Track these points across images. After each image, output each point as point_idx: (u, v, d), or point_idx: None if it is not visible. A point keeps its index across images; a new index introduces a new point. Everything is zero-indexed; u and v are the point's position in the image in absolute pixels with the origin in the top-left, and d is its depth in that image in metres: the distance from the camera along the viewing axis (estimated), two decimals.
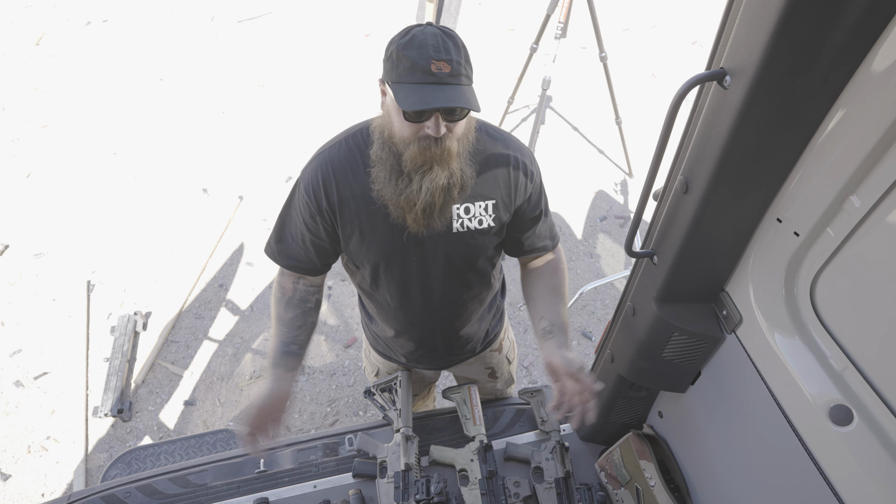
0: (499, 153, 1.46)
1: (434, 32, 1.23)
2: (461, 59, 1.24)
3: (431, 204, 1.36)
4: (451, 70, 1.21)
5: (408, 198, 1.35)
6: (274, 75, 4.94)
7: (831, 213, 1.02)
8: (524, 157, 1.50)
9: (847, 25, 0.85)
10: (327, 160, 1.44)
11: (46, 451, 2.80)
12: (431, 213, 1.38)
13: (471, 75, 1.28)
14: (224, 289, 3.49)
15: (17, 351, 3.18)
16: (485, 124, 1.50)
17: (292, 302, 1.59)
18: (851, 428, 1.05)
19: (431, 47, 1.20)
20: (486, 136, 1.46)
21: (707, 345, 1.39)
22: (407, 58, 1.21)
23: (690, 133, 1.16)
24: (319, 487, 1.77)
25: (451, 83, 1.23)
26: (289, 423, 2.92)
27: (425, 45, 1.20)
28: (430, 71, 1.20)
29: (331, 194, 1.43)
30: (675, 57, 5.16)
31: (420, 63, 1.20)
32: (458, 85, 1.24)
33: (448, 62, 1.21)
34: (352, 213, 1.45)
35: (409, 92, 1.23)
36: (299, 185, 1.49)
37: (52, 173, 4.14)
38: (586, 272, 3.61)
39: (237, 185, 4.08)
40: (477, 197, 1.46)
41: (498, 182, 1.47)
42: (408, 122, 1.27)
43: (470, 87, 1.28)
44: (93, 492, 1.76)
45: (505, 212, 1.51)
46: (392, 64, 1.25)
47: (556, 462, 1.78)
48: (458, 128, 1.30)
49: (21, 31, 5.31)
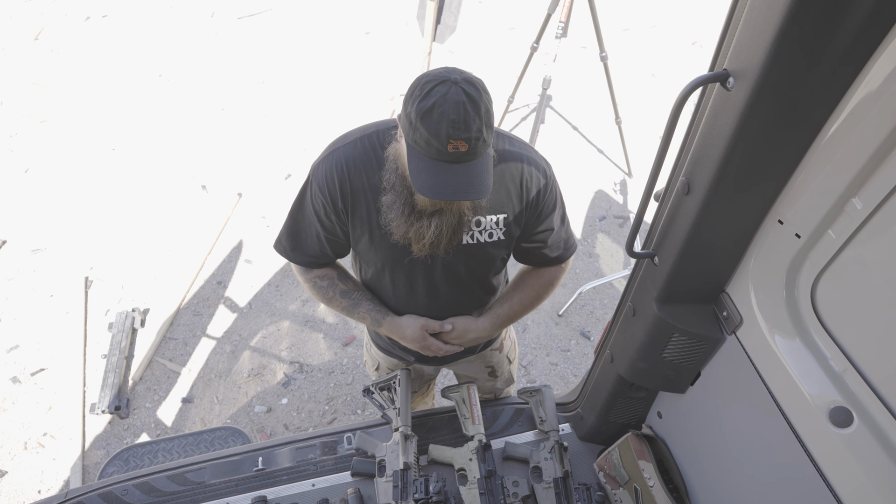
0: (514, 165, 1.44)
1: (456, 101, 1.15)
2: (481, 131, 1.19)
3: (439, 238, 1.37)
4: (468, 148, 1.19)
5: (418, 231, 1.36)
6: (274, 72, 4.93)
7: (833, 216, 1.02)
8: (539, 169, 1.48)
9: (851, 28, 0.84)
10: (342, 158, 1.41)
11: (43, 448, 2.80)
12: (438, 245, 1.39)
13: (489, 139, 1.23)
14: (223, 286, 3.49)
15: (15, 347, 3.17)
16: (503, 133, 1.48)
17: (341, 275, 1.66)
18: (851, 430, 1.05)
19: (451, 124, 1.15)
20: (504, 146, 1.44)
21: (707, 346, 1.39)
22: (425, 130, 1.17)
23: (692, 134, 1.16)
24: (318, 486, 1.77)
25: (468, 161, 1.21)
26: (287, 421, 2.92)
27: (443, 121, 1.16)
28: (447, 150, 1.18)
29: (346, 194, 1.42)
30: (675, 57, 5.16)
31: (435, 143, 1.17)
32: (474, 161, 1.22)
33: (466, 140, 1.17)
34: (363, 214, 1.44)
35: (423, 171, 1.21)
36: (312, 183, 1.46)
37: (51, 169, 4.13)
38: (585, 272, 3.61)
39: (236, 182, 4.07)
40: (489, 210, 1.44)
41: (511, 195, 1.46)
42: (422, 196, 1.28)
43: (486, 154, 1.25)
44: (90, 489, 1.76)
45: (516, 226, 1.50)
46: (409, 125, 1.21)
47: (554, 462, 1.78)
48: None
49: (20, 26, 5.29)
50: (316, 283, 1.65)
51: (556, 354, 3.21)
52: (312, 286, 1.66)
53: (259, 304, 3.40)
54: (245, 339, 3.24)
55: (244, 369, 3.12)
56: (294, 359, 3.16)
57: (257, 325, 3.30)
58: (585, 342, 3.27)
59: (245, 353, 3.18)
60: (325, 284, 1.64)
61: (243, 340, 3.23)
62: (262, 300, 3.42)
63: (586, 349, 3.24)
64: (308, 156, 4.10)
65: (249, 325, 3.30)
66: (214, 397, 3.01)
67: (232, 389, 3.04)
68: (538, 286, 1.70)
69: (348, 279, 1.68)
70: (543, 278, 1.70)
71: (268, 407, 2.96)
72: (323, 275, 1.64)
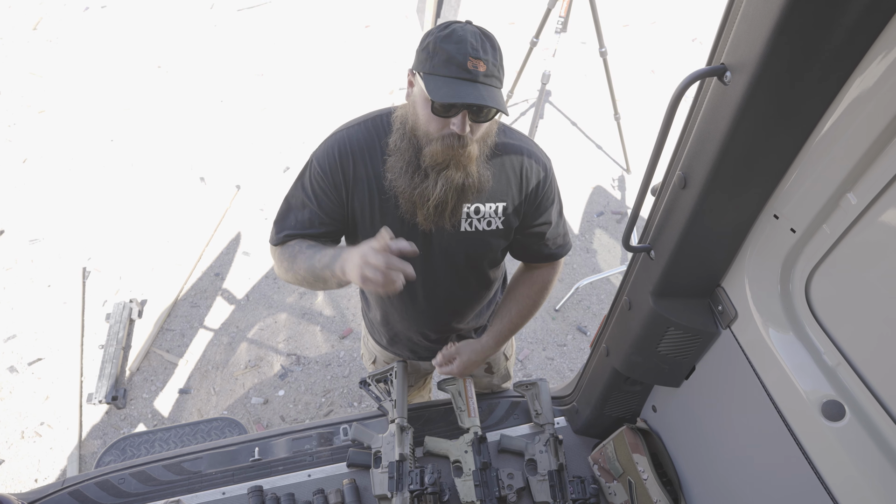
0: (515, 157, 1.45)
1: (474, 31, 1.22)
2: (497, 62, 1.23)
3: (444, 202, 1.34)
4: (486, 70, 1.20)
5: (422, 193, 1.33)
6: (273, 65, 4.92)
7: (828, 210, 1.03)
8: (539, 162, 1.48)
9: (847, 23, 0.85)
10: (346, 138, 1.41)
11: (40, 437, 2.80)
12: (443, 212, 1.37)
13: (502, 79, 1.27)
14: (220, 278, 3.49)
15: (12, 336, 3.17)
16: (504, 126, 1.48)
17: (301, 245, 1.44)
18: (843, 423, 1.06)
19: (470, 45, 1.19)
20: (505, 138, 1.45)
21: (702, 340, 1.40)
22: (445, 50, 1.20)
23: (689, 128, 1.16)
24: (314, 476, 1.78)
25: (484, 83, 1.22)
26: (283, 412, 2.93)
27: (464, 41, 1.19)
28: (466, 67, 1.19)
29: (347, 171, 1.40)
30: (674, 53, 5.16)
31: (457, 57, 1.19)
32: (490, 86, 1.23)
33: (485, 62, 1.20)
34: (364, 195, 1.42)
35: (442, 84, 1.21)
36: (313, 163, 1.44)
37: (49, 159, 4.12)
38: (582, 267, 3.62)
39: (234, 174, 4.07)
40: (489, 198, 1.44)
41: (511, 185, 1.46)
42: (434, 116, 1.25)
43: (500, 90, 1.27)
44: (87, 477, 1.76)
45: (514, 216, 1.50)
46: (427, 55, 1.23)
47: (549, 454, 1.79)
48: (481, 130, 1.29)
49: (18, 16, 5.27)
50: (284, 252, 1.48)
51: (553, 349, 3.22)
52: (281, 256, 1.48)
53: (256, 296, 3.40)
54: (242, 331, 3.24)
55: (241, 361, 3.12)
56: (291, 351, 3.16)
57: (255, 317, 3.30)
58: (582, 337, 3.28)
59: (242, 345, 3.19)
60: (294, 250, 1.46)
61: (240, 332, 3.24)
62: (260, 292, 3.42)
63: (582, 344, 3.25)
64: (307, 148, 4.09)
65: (247, 316, 3.31)
66: (211, 388, 3.02)
67: (229, 381, 3.05)
68: (533, 294, 1.70)
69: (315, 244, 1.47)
70: (537, 284, 1.70)
71: (264, 398, 2.97)
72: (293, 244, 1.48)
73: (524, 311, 1.71)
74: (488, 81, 1.22)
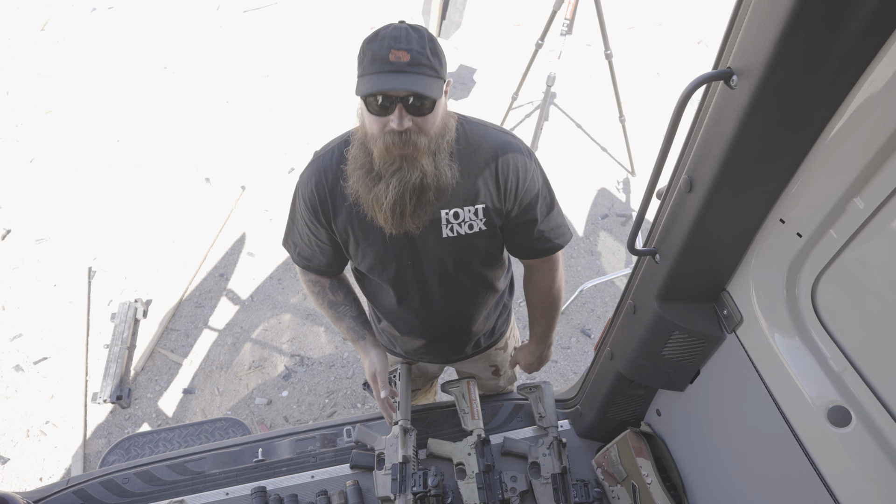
0: (489, 153, 1.40)
1: (399, 27, 1.23)
2: (424, 50, 1.21)
3: (401, 204, 1.32)
4: (410, 59, 1.19)
5: (376, 196, 1.32)
6: (278, 66, 4.93)
7: (834, 215, 1.02)
8: (517, 155, 1.42)
9: (855, 27, 0.84)
10: (320, 169, 1.44)
11: (45, 436, 2.81)
12: (403, 214, 1.34)
13: (437, 68, 1.24)
14: (225, 278, 3.50)
15: (18, 335, 3.18)
16: (480, 123, 1.45)
17: (333, 286, 1.68)
18: (849, 429, 1.05)
19: (392, 38, 1.20)
20: (478, 136, 1.41)
21: (707, 344, 1.40)
22: (370, 50, 1.21)
23: (695, 132, 1.16)
24: (317, 478, 1.78)
25: (411, 72, 1.20)
26: (287, 413, 2.93)
27: (386, 38, 1.20)
28: (388, 59, 1.19)
29: (325, 204, 1.44)
30: (680, 56, 5.14)
31: (380, 53, 1.20)
32: (419, 74, 1.20)
33: (408, 51, 1.19)
34: (345, 221, 1.45)
35: (366, 81, 1.22)
36: (298, 192, 1.50)
37: (56, 159, 4.14)
38: (587, 270, 3.61)
39: (240, 175, 4.08)
40: (466, 201, 1.42)
41: (487, 184, 1.41)
42: (374, 117, 1.25)
43: (434, 78, 1.23)
44: (91, 476, 1.77)
45: (497, 216, 1.45)
46: (359, 60, 1.25)
47: (553, 458, 1.78)
48: (426, 123, 1.26)
49: (26, 17, 5.30)
50: (310, 286, 1.70)
51: (557, 352, 3.21)
52: (308, 288, 1.71)
53: (261, 296, 3.41)
54: (246, 332, 3.25)
55: (245, 361, 3.13)
56: (295, 352, 3.17)
57: (259, 318, 3.31)
58: (586, 340, 3.27)
59: (246, 346, 3.19)
60: (316, 290, 1.69)
61: (245, 333, 3.25)
62: (264, 293, 3.43)
63: (587, 347, 3.24)
64: (311, 150, 4.08)
65: (251, 317, 3.31)
66: (215, 389, 3.02)
67: (233, 381, 3.05)
68: (542, 297, 1.71)
69: (340, 291, 1.69)
70: (541, 289, 1.69)
71: (268, 399, 2.98)
72: (316, 280, 1.68)
73: (546, 311, 1.75)
74: (415, 70, 1.20)
